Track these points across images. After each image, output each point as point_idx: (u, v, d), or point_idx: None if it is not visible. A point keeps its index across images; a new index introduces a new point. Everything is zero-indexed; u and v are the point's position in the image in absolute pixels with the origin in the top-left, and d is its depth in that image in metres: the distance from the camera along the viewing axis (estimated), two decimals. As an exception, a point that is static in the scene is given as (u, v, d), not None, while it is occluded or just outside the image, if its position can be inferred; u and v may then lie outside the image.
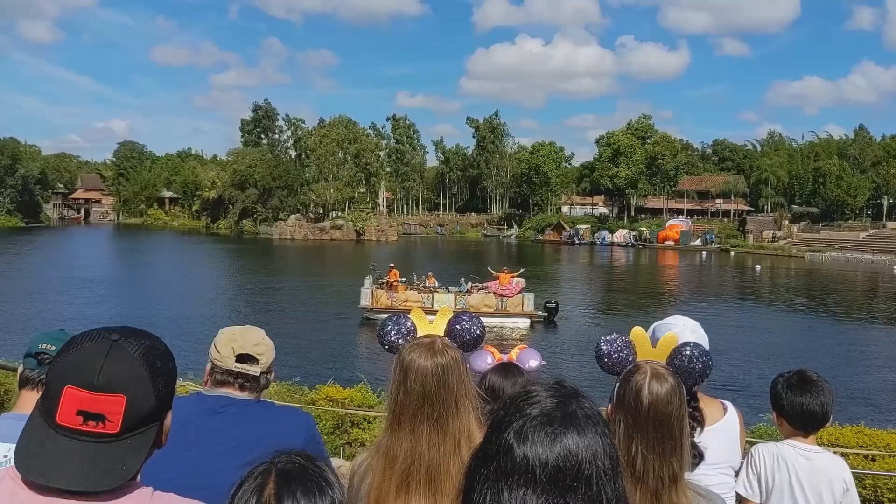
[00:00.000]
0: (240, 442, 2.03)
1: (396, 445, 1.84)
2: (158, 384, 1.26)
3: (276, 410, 2.29)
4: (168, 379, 1.30)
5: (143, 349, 1.27)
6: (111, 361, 1.22)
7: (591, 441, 1.02)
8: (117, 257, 60.44)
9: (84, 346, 1.25)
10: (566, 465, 0.99)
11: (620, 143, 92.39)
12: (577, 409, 1.05)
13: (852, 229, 78.19)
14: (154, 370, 1.26)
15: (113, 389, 1.21)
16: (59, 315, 27.50)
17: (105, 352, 1.23)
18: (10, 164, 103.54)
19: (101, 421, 1.21)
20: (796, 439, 2.76)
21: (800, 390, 2.71)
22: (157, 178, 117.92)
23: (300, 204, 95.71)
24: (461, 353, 1.95)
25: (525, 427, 1.02)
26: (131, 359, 1.24)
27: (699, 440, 2.22)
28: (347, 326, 27.70)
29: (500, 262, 43.50)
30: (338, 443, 8.31)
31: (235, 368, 2.21)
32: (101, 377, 1.21)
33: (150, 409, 1.25)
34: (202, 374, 2.39)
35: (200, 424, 2.10)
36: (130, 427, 1.23)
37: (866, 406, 17.01)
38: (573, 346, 24.31)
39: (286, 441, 2.19)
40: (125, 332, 1.29)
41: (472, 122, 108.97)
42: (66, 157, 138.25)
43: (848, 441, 6.88)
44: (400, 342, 1.95)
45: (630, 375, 1.79)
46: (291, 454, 1.33)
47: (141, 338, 1.30)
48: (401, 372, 1.87)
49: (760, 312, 34.21)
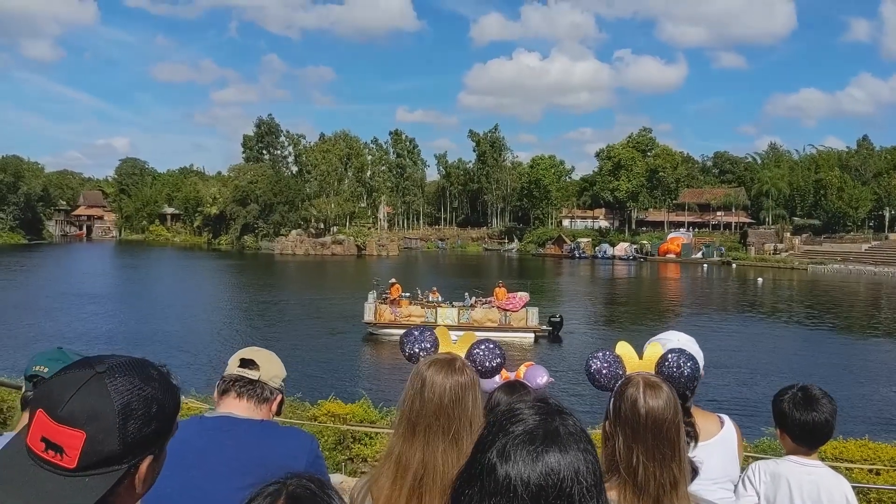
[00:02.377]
0: (242, 463, 2.02)
1: (410, 454, 1.83)
2: (129, 428, 1.16)
3: (279, 431, 2.28)
4: (144, 425, 1.18)
5: (126, 388, 1.17)
6: (83, 394, 1.14)
7: (573, 458, 1.01)
8: (119, 273, 60.47)
9: (69, 372, 1.19)
10: (548, 484, 0.99)
11: (621, 157, 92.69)
12: (559, 426, 1.05)
13: (854, 241, 78.17)
14: (127, 413, 1.16)
15: (74, 424, 1.13)
16: (61, 332, 27.49)
17: (81, 383, 1.15)
18: (13, 182, 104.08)
19: (60, 453, 1.13)
20: (798, 455, 2.75)
21: (805, 408, 2.69)
22: (158, 194, 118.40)
23: (301, 219, 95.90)
24: (478, 377, 1.96)
25: (507, 446, 1.02)
26: (105, 395, 1.15)
27: (694, 455, 2.21)
28: (349, 342, 27.66)
29: (501, 277, 43.49)
30: (339, 459, 8.27)
31: (236, 372, 2.26)
32: (65, 409, 1.13)
33: (112, 452, 1.15)
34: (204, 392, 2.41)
35: (202, 445, 2.10)
36: (88, 465, 1.14)
37: (870, 419, 16.92)
38: (579, 361, 24.12)
39: (289, 463, 2.18)
40: (118, 366, 1.19)
41: (473, 135, 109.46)
42: (68, 174, 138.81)
43: (852, 455, 6.84)
44: (420, 354, 1.97)
45: (624, 388, 1.80)
46: (304, 478, 1.31)
47: (131, 375, 1.19)
48: (418, 383, 1.87)
49: (763, 326, 34.12)
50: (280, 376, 2.33)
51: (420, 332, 2.03)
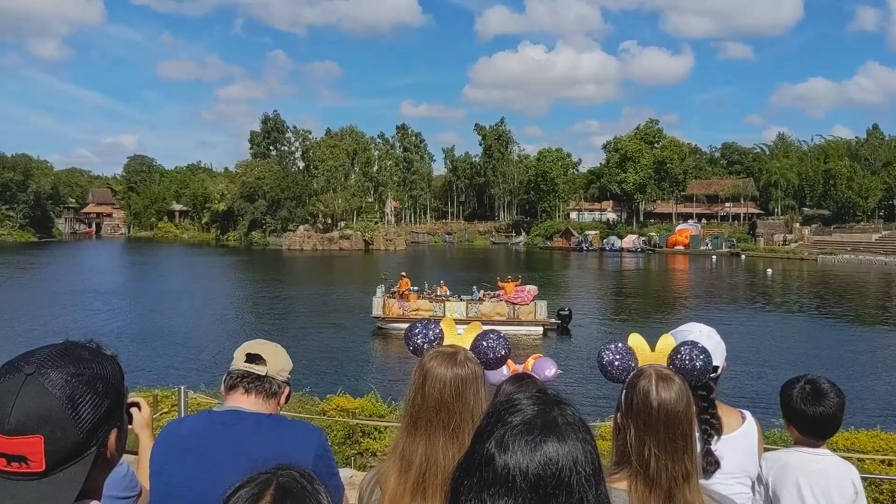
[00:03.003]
0: (250, 457, 2.00)
1: (412, 449, 1.84)
2: (83, 415, 1.14)
3: (286, 425, 2.28)
4: (96, 406, 1.16)
5: (64, 379, 1.14)
6: (22, 399, 1.10)
7: (571, 448, 1.01)
8: (129, 270, 60.76)
9: (1, 382, 1.13)
10: (546, 473, 0.99)
11: (628, 148, 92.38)
12: (557, 416, 1.05)
13: (864, 231, 77.68)
14: (75, 402, 1.13)
15: (27, 431, 1.10)
16: (71, 328, 27.59)
17: (17, 389, 1.11)
18: (23, 180, 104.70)
19: (24, 461, 1.11)
20: (806, 446, 2.74)
21: (813, 401, 2.68)
22: (166, 191, 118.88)
23: (309, 215, 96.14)
24: (482, 370, 1.94)
25: (506, 436, 1.02)
26: (47, 394, 1.12)
27: (715, 448, 2.19)
28: (358, 336, 27.70)
29: (508, 270, 43.42)
30: (349, 453, 8.29)
31: (243, 367, 2.24)
32: (12, 420, 1.09)
33: (75, 443, 1.13)
34: (212, 387, 2.40)
35: (211, 441, 2.11)
36: (57, 462, 1.12)
37: (883, 410, 16.83)
38: (589, 354, 24.03)
39: (297, 456, 2.18)
40: (45, 361, 1.15)
41: (479, 129, 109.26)
42: (77, 172, 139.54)
43: (864, 445, 6.80)
44: (426, 347, 1.97)
45: (636, 380, 1.80)
46: (294, 471, 1.30)
47: (63, 364, 1.16)
48: (420, 376, 1.88)
49: (774, 316, 33.97)
50: (287, 369, 2.32)
51: (425, 325, 2.03)
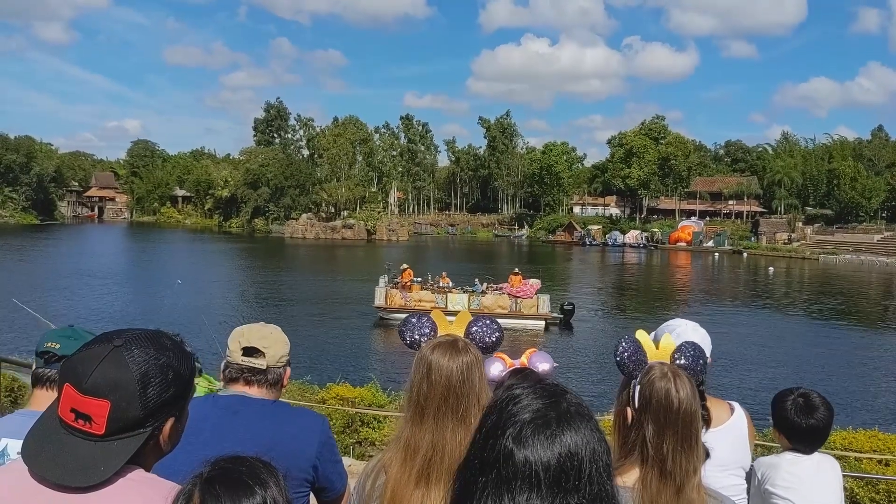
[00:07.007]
0: (254, 443, 2.03)
1: (419, 437, 1.87)
2: (149, 394, 1.29)
3: (290, 412, 2.30)
4: (163, 390, 1.31)
5: (142, 358, 1.30)
6: (104, 366, 1.27)
7: (587, 437, 1.02)
8: (131, 255, 60.81)
9: (90, 347, 1.32)
10: (568, 466, 0.99)
11: (633, 144, 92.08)
12: (567, 406, 1.05)
13: (867, 231, 77.46)
14: (146, 381, 1.29)
15: (98, 394, 1.26)
16: (74, 311, 27.67)
17: (102, 356, 1.28)
18: (26, 162, 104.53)
19: (89, 421, 1.27)
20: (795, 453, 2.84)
21: (806, 414, 2.78)
22: (169, 176, 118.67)
23: (312, 203, 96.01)
24: (481, 354, 2.00)
25: (523, 431, 1.01)
26: (125, 366, 1.28)
27: (705, 440, 2.22)
28: (359, 326, 27.72)
29: (511, 263, 43.42)
30: (348, 442, 8.33)
31: (241, 362, 2.23)
32: (90, 381, 1.26)
33: (136, 417, 1.29)
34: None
35: (215, 425, 2.12)
36: (115, 430, 1.28)
37: (881, 411, 16.89)
38: (592, 349, 24.03)
39: (300, 443, 2.20)
40: (134, 339, 1.32)
41: (483, 121, 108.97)
42: (80, 155, 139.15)
43: (862, 446, 6.83)
44: (422, 340, 2.01)
45: (653, 378, 1.83)
46: (220, 460, 1.33)
47: (147, 346, 1.32)
48: (424, 367, 1.91)
49: (774, 316, 33.96)
50: (286, 353, 2.31)
51: (417, 319, 2.07)
